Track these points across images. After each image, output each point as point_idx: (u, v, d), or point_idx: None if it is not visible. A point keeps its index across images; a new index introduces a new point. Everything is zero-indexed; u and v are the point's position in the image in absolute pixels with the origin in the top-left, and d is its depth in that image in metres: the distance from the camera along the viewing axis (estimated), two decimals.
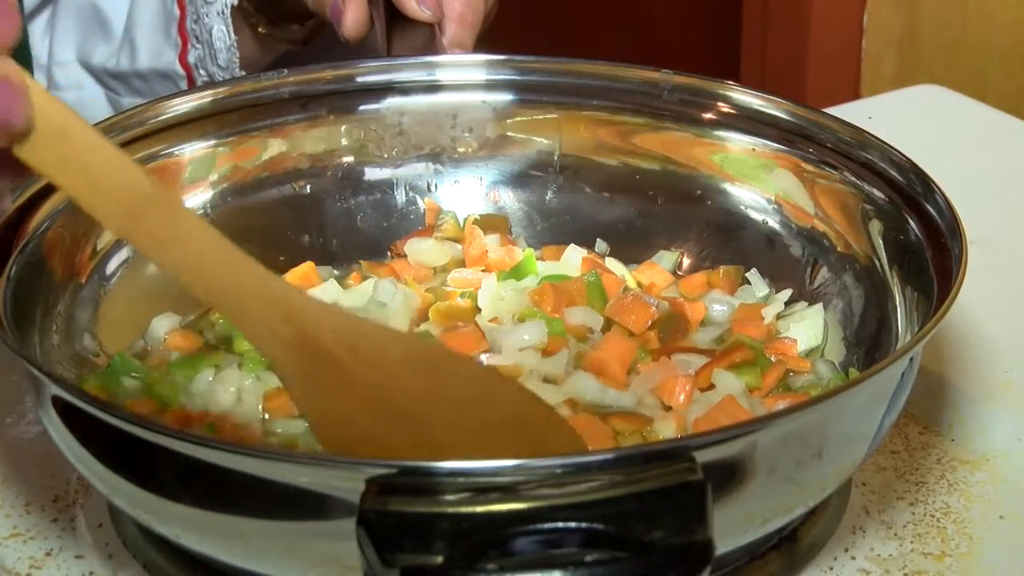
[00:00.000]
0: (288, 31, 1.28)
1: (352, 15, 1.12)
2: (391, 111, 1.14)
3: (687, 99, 1.10)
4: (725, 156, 1.10)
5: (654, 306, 1.00)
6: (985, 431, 1.01)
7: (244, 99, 1.09)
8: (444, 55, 1.13)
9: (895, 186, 0.99)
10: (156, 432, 0.78)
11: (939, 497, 0.96)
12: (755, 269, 1.08)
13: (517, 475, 0.71)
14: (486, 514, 0.69)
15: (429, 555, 0.68)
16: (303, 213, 1.12)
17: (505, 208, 1.15)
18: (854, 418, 0.82)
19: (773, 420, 0.80)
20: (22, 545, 0.92)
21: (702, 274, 1.08)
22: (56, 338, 0.95)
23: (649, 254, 1.11)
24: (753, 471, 0.77)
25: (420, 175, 1.15)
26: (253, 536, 0.79)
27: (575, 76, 1.13)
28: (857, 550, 0.92)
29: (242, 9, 1.24)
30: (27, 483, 0.97)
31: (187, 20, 1.26)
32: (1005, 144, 1.40)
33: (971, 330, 1.09)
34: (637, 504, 0.70)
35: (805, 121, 1.06)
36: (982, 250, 0.96)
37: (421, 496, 0.70)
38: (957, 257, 0.89)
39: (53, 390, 0.83)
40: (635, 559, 0.68)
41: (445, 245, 1.10)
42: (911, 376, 0.87)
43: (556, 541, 0.69)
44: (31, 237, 0.94)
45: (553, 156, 1.14)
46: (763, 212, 1.08)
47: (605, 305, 1.01)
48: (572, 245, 1.10)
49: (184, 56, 1.27)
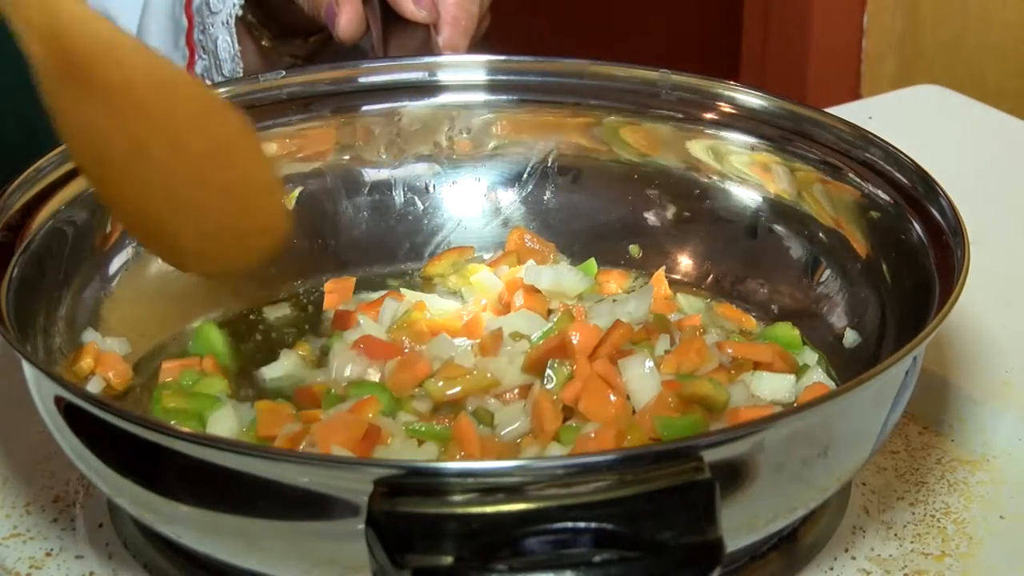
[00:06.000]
0: (292, 46, 1.29)
1: (347, 16, 1.12)
2: (390, 112, 1.14)
3: (686, 98, 1.11)
4: (725, 156, 1.10)
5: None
6: (985, 431, 1.01)
7: (244, 99, 1.09)
8: (442, 56, 1.13)
9: (897, 186, 0.99)
10: (159, 433, 0.78)
11: (939, 497, 0.96)
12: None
13: (526, 475, 0.71)
14: (496, 514, 0.69)
15: (440, 555, 0.68)
16: (302, 214, 1.12)
17: (503, 209, 1.14)
18: (859, 417, 0.83)
19: (780, 419, 0.80)
20: (22, 545, 0.92)
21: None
22: (58, 339, 0.95)
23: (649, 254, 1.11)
24: (760, 470, 0.77)
25: (419, 176, 1.15)
26: (256, 536, 0.79)
27: (574, 76, 1.13)
28: (857, 550, 0.92)
29: (246, 22, 1.24)
30: (27, 483, 0.97)
31: (194, 31, 1.26)
32: (1005, 144, 1.40)
33: (971, 330, 1.09)
34: (646, 504, 0.70)
35: (805, 121, 1.06)
36: (982, 250, 0.96)
37: (430, 497, 0.70)
38: (959, 257, 0.89)
39: (56, 390, 0.83)
40: (645, 559, 0.69)
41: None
42: (914, 375, 0.87)
43: (566, 541, 0.69)
44: (33, 237, 0.94)
45: (552, 157, 1.14)
46: (764, 212, 1.08)
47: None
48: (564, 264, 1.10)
49: (191, 67, 1.27)
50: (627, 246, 1.12)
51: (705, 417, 0.91)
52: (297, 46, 1.29)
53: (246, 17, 1.24)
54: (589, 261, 1.10)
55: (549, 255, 1.11)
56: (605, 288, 1.09)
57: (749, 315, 1.07)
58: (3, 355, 1.00)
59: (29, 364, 0.83)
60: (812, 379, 0.98)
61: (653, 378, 0.93)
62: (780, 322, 1.04)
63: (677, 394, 0.92)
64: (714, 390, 0.91)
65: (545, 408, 0.92)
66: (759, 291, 1.08)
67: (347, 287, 1.09)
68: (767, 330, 1.04)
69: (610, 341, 0.96)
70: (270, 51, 1.28)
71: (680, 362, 0.96)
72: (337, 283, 1.09)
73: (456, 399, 0.94)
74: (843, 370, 1.00)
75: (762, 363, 0.97)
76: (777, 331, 1.03)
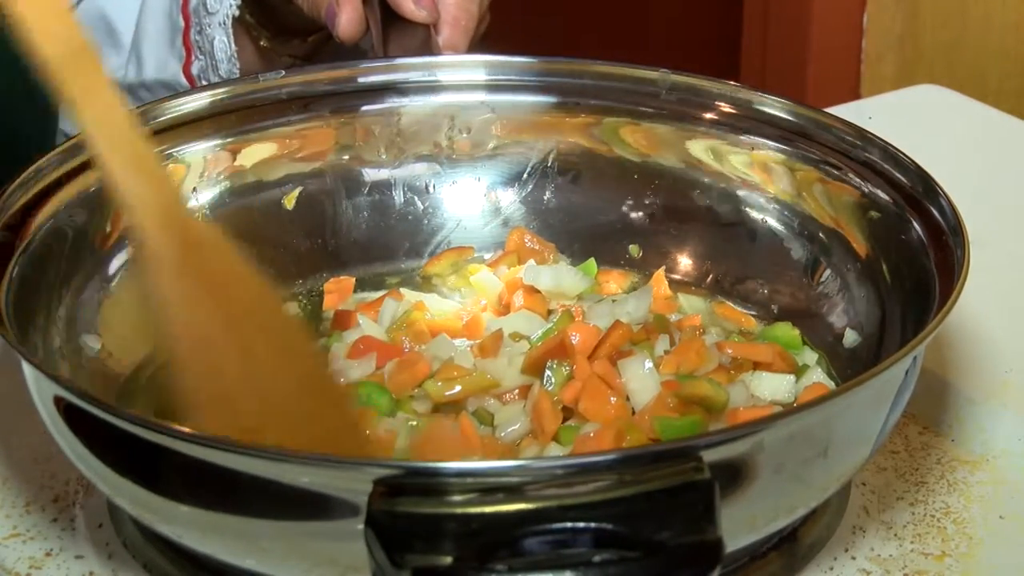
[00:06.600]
0: (290, 46, 1.29)
1: (346, 16, 1.12)
2: (389, 112, 1.14)
3: (686, 98, 1.11)
4: (725, 156, 1.10)
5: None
6: (985, 431, 1.01)
7: (243, 100, 1.09)
8: (442, 56, 1.13)
9: (897, 186, 0.99)
10: (159, 433, 0.78)
11: (939, 497, 0.96)
12: None
13: (525, 475, 0.71)
14: (495, 514, 0.69)
15: (439, 555, 0.68)
16: (302, 214, 1.12)
17: (503, 209, 1.14)
18: (859, 417, 0.83)
19: (780, 419, 0.80)
20: (22, 545, 0.92)
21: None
22: (58, 339, 0.95)
23: (649, 254, 1.11)
24: (760, 470, 0.77)
25: (418, 176, 1.15)
26: (256, 536, 0.79)
27: (574, 76, 1.13)
28: (857, 550, 0.92)
29: (244, 22, 1.25)
30: (27, 483, 0.97)
31: (191, 31, 1.26)
32: (1005, 144, 1.40)
33: (971, 330, 1.09)
34: (646, 504, 0.70)
35: (805, 121, 1.06)
36: (982, 250, 0.96)
37: (430, 497, 0.70)
38: (959, 257, 0.89)
39: (55, 390, 0.83)
40: (645, 559, 0.69)
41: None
42: (914, 375, 0.87)
43: (565, 541, 0.69)
44: (33, 237, 0.94)
45: (552, 157, 1.14)
46: (763, 212, 1.08)
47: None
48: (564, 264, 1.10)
49: (188, 67, 1.28)
50: (627, 246, 1.12)
51: (705, 417, 0.91)
52: (296, 46, 1.29)
53: (245, 17, 1.24)
54: (589, 261, 1.10)
55: (549, 255, 1.11)
56: (605, 288, 1.09)
57: (749, 315, 1.07)
58: (3, 355, 1.00)
59: (29, 364, 0.83)
60: (812, 379, 0.98)
61: (652, 378, 0.93)
62: (780, 322, 1.05)
63: (676, 394, 0.92)
64: (714, 390, 0.91)
65: (545, 408, 0.92)
66: (759, 291, 1.08)
67: (347, 287, 1.09)
68: (767, 330, 1.04)
69: (610, 341, 0.96)
70: (269, 51, 1.28)
71: (680, 362, 0.96)
72: (337, 283, 1.09)
73: (456, 399, 0.94)
74: (843, 370, 1.00)
75: (762, 363, 0.97)
76: (777, 331, 1.03)
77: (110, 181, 0.80)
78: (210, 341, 0.82)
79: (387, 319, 1.03)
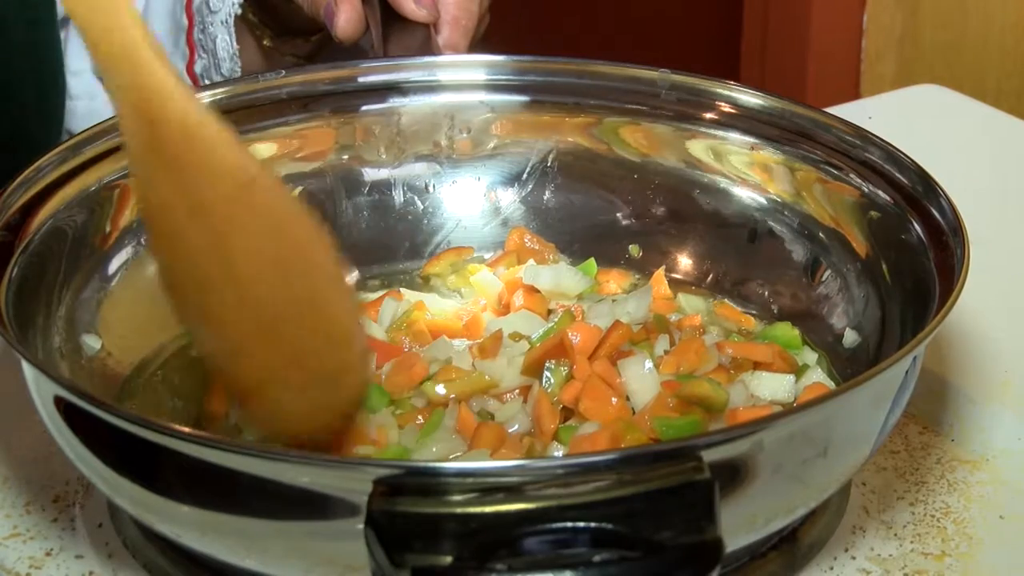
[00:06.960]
0: (293, 45, 1.29)
1: (345, 16, 1.12)
2: (389, 111, 1.14)
3: (686, 98, 1.11)
4: (725, 156, 1.10)
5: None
6: (985, 431, 1.01)
7: (243, 100, 1.09)
8: (442, 56, 1.13)
9: (897, 186, 0.99)
10: (159, 433, 0.78)
11: (939, 497, 0.96)
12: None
13: (525, 475, 0.71)
14: (495, 514, 0.69)
15: (439, 555, 0.68)
16: None
17: (503, 209, 1.14)
18: (859, 417, 0.83)
19: (779, 419, 0.80)
20: (22, 545, 0.92)
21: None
22: (58, 339, 0.95)
23: (649, 254, 1.11)
24: (759, 470, 0.77)
25: (418, 175, 1.15)
26: (256, 536, 0.79)
27: (573, 76, 1.13)
28: (857, 550, 0.92)
29: (247, 21, 1.25)
30: (27, 483, 0.97)
31: (194, 30, 1.26)
32: (1005, 144, 1.40)
33: (971, 330, 1.09)
34: (645, 503, 0.70)
35: (805, 121, 1.06)
36: (982, 250, 0.96)
37: (429, 496, 0.70)
38: (959, 257, 0.89)
39: (55, 390, 0.83)
40: (645, 559, 0.69)
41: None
42: (914, 375, 0.87)
43: (565, 541, 0.69)
44: (33, 237, 0.94)
45: (552, 157, 1.14)
46: (764, 212, 1.08)
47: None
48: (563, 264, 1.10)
49: (191, 66, 1.28)
50: (627, 246, 1.12)
51: (704, 417, 0.91)
52: (298, 45, 1.29)
53: (247, 16, 1.24)
54: (589, 261, 1.10)
55: (549, 255, 1.11)
56: (605, 288, 1.09)
57: (749, 315, 1.07)
58: (3, 355, 1.00)
59: (29, 364, 0.83)
60: (812, 379, 0.97)
61: (652, 378, 0.93)
62: (780, 322, 1.04)
63: (676, 394, 0.92)
64: (713, 390, 0.91)
65: (545, 408, 0.92)
66: (759, 291, 1.08)
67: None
68: (767, 330, 1.04)
69: (609, 341, 0.96)
70: (271, 50, 1.28)
71: (679, 362, 0.96)
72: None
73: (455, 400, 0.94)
74: (843, 370, 1.00)
75: (762, 363, 0.97)
76: (777, 331, 1.03)
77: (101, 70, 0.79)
78: (182, 232, 0.81)
79: (387, 319, 1.03)
